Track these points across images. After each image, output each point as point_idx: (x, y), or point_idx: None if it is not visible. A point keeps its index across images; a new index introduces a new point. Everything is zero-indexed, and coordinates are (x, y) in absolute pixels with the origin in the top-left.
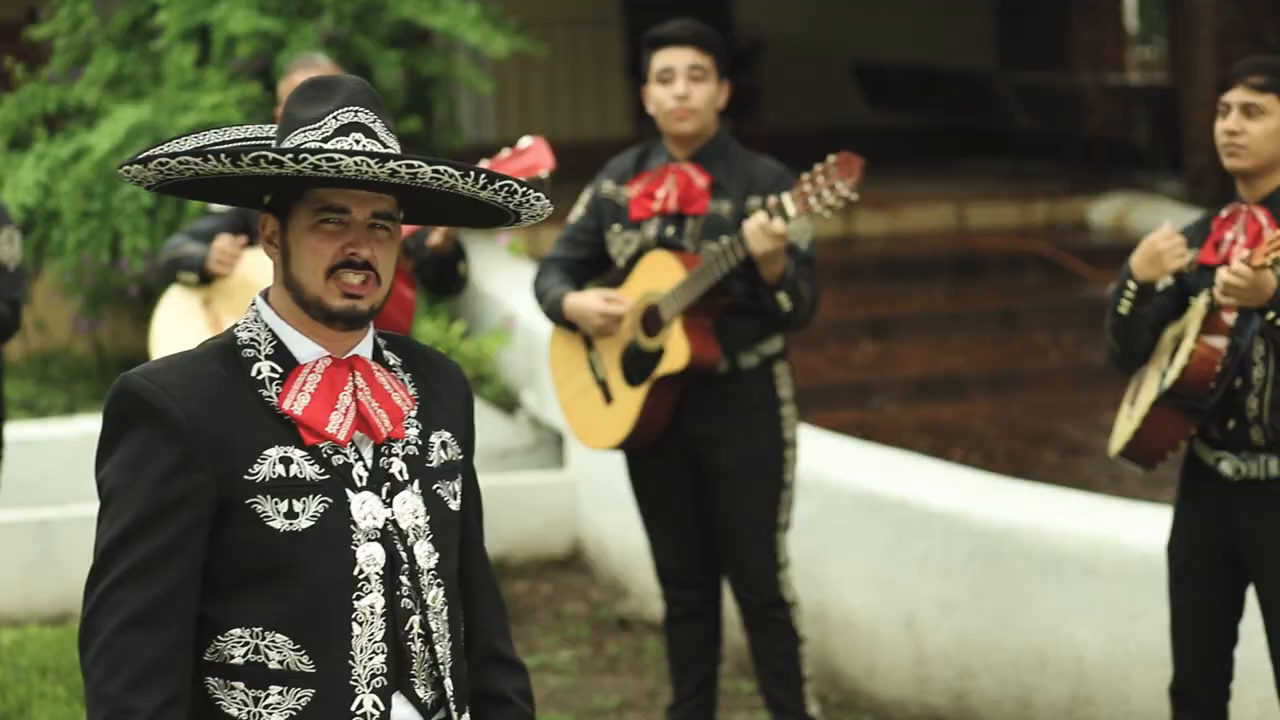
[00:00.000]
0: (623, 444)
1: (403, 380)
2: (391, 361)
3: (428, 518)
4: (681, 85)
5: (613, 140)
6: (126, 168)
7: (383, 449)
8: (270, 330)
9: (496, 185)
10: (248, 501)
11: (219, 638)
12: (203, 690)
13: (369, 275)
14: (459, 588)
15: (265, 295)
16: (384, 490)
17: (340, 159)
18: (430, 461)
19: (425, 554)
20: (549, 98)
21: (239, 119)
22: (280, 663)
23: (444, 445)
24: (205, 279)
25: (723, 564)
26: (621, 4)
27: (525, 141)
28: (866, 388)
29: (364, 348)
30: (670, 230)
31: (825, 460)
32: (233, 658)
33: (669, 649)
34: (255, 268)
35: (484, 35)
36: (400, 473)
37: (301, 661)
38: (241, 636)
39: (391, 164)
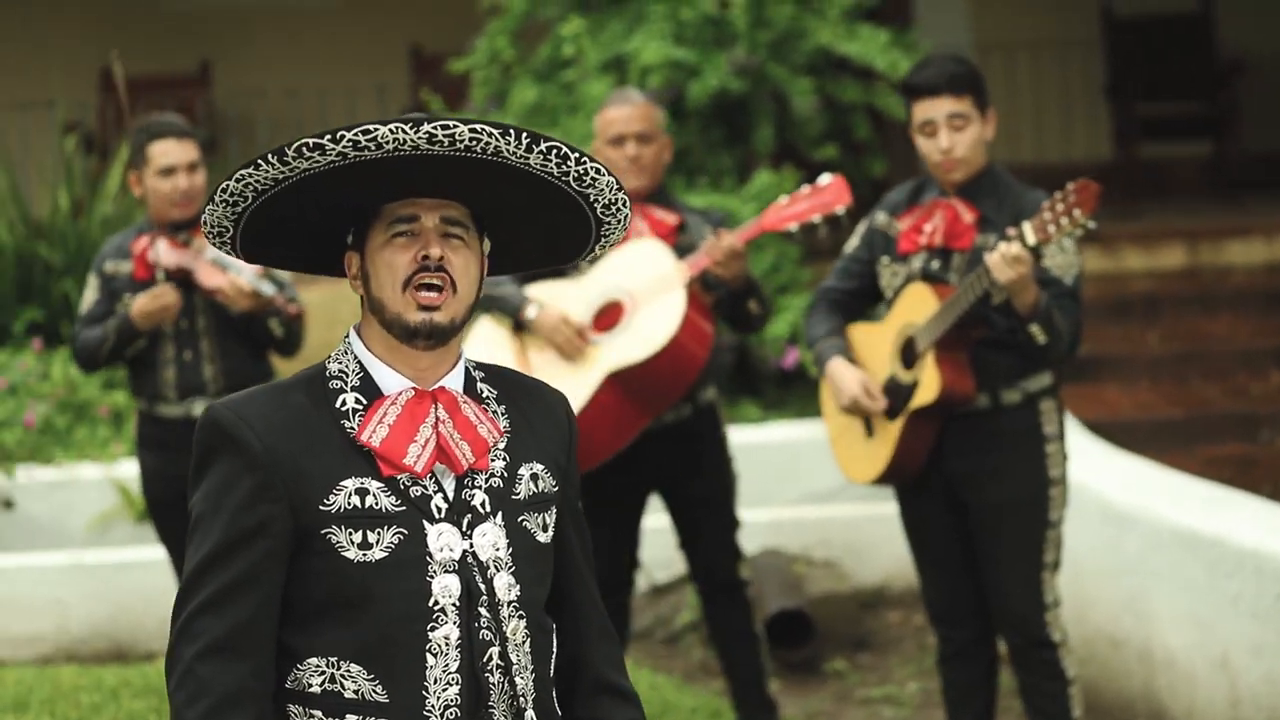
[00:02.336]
0: (882, 477)
1: (494, 412)
2: (485, 393)
3: (510, 550)
4: (945, 139)
5: (1092, 163)
6: (204, 217)
7: (465, 481)
8: (359, 362)
9: (544, 146)
10: (323, 531)
11: (298, 666)
12: (284, 718)
13: (444, 283)
14: (569, 618)
15: (358, 328)
16: (464, 522)
17: (376, 129)
18: (517, 493)
19: (505, 586)
20: (1010, 121)
21: None
22: (355, 692)
23: (534, 477)
24: (519, 325)
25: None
26: (1102, 23)
27: (825, 179)
28: (1259, 420)
29: (453, 379)
30: (936, 264)
31: (1149, 495)
32: (310, 686)
33: (944, 687)
34: (559, 298)
35: (892, 61)
36: (482, 505)
37: (376, 691)
38: (318, 666)
39: (427, 127)
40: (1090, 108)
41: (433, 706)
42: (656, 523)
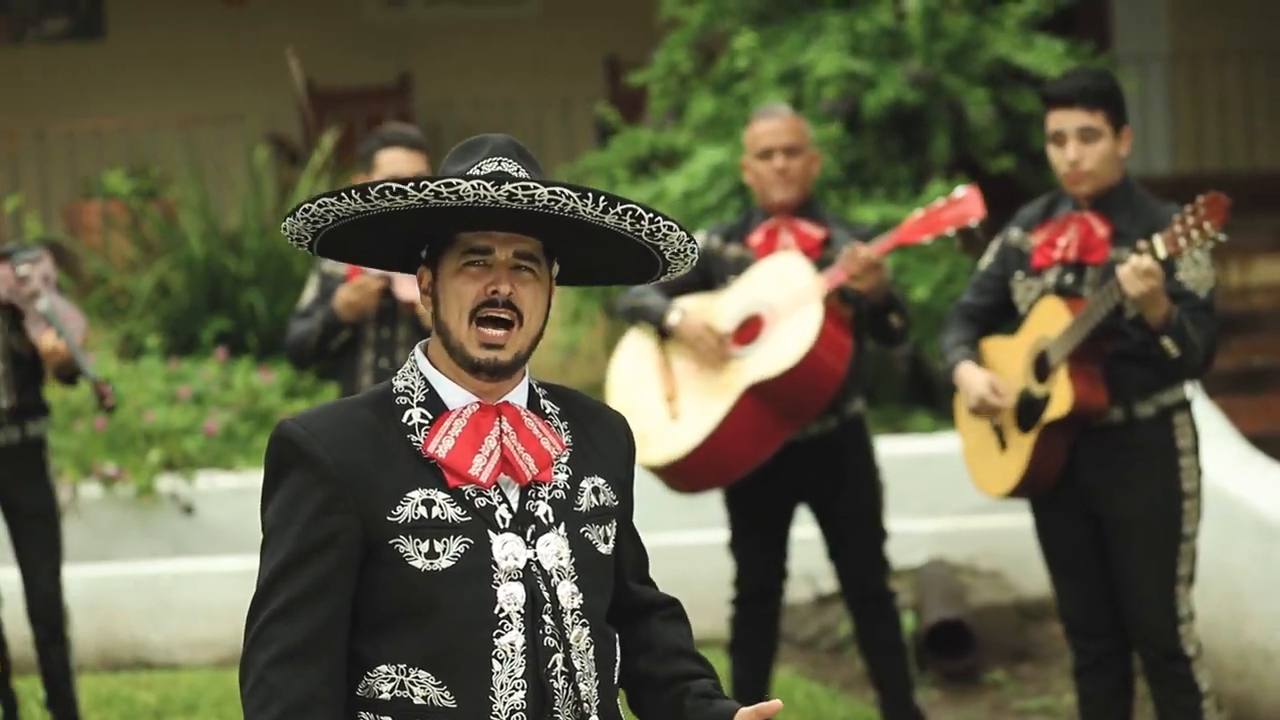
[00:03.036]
0: (1015, 490)
1: (557, 428)
2: (548, 410)
3: (573, 559)
4: (1073, 150)
5: None
6: (285, 225)
7: (529, 492)
8: (425, 379)
9: (620, 209)
10: (391, 542)
11: (369, 674)
12: None
13: (511, 321)
14: (637, 626)
15: (424, 347)
16: (528, 532)
17: (459, 184)
18: (579, 506)
19: (568, 594)
20: (1214, 128)
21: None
22: (424, 698)
23: (596, 491)
24: (664, 334)
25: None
26: None
27: (960, 191)
28: None
29: (517, 395)
30: (1070, 279)
31: None
32: (381, 693)
33: (1079, 699)
34: (703, 312)
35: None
36: (545, 515)
37: (444, 697)
38: (388, 673)
39: (508, 186)
40: None
41: (499, 711)
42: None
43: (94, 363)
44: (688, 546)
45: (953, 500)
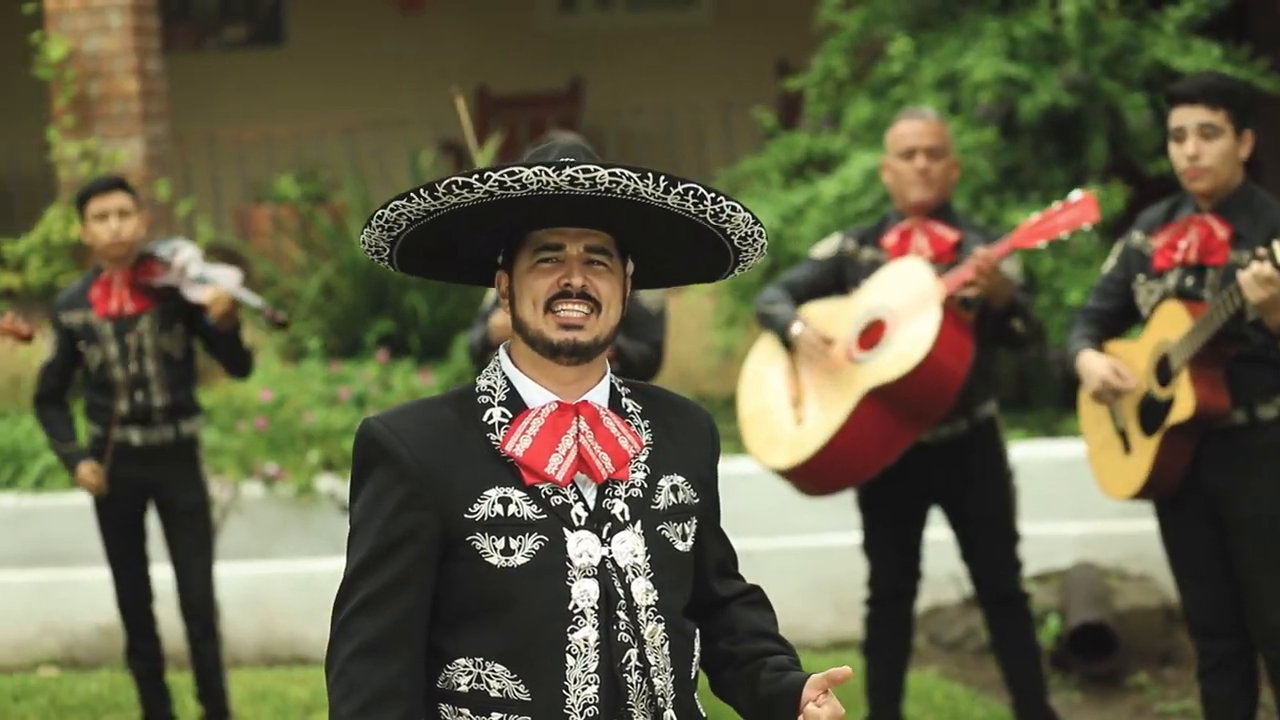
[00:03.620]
0: (1140, 493)
1: (638, 427)
2: (630, 409)
3: (648, 556)
4: (1192, 145)
5: None
6: (362, 237)
7: (606, 490)
8: (506, 378)
9: (681, 188)
10: (468, 538)
11: (447, 666)
12: (436, 716)
13: (589, 305)
14: (721, 618)
15: (507, 347)
16: (604, 530)
17: (521, 171)
18: (656, 504)
19: (643, 591)
20: None
21: (967, 164)
22: (500, 691)
23: (675, 489)
24: (787, 343)
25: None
26: None
27: (1075, 195)
28: None
29: (597, 394)
30: (1190, 281)
31: None
32: (459, 686)
33: (1203, 701)
34: (832, 317)
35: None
36: (621, 513)
37: (519, 690)
38: (465, 666)
39: (569, 170)
40: None
41: (572, 705)
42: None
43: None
44: (827, 549)
45: (1102, 504)
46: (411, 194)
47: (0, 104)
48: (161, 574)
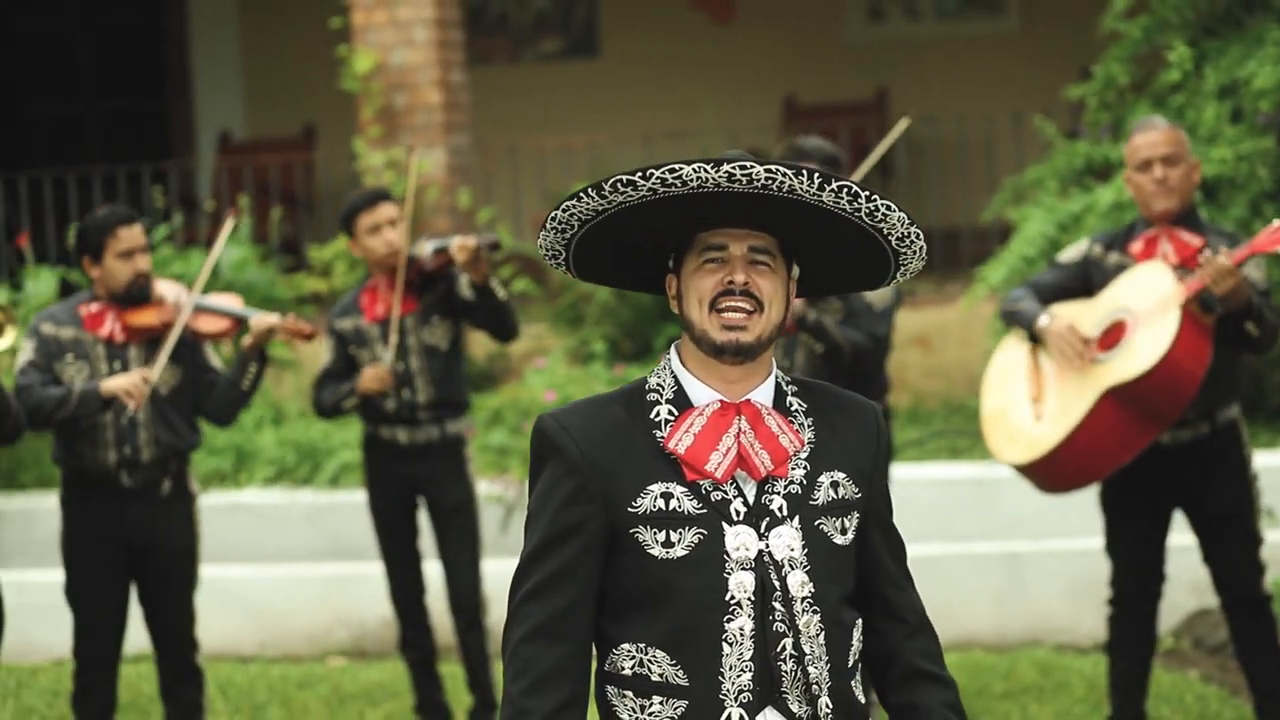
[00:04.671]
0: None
1: (799, 424)
2: (794, 406)
3: (805, 550)
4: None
5: None
6: (539, 240)
7: (765, 486)
8: (674, 377)
9: (835, 186)
10: (631, 531)
11: (613, 651)
12: (603, 697)
13: (751, 305)
14: (880, 615)
15: (677, 346)
16: (761, 524)
17: (681, 168)
18: (815, 499)
19: (798, 583)
20: None
21: (1245, 171)
22: (660, 676)
23: (835, 485)
24: (1034, 338)
25: None
26: None
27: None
28: None
29: (762, 392)
30: None
31: None
32: (623, 669)
33: None
34: (1072, 317)
35: None
36: (780, 509)
37: (677, 675)
38: (629, 651)
39: (727, 166)
40: None
41: (728, 691)
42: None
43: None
44: (1093, 551)
45: None
46: (581, 194)
47: (312, 116)
48: (433, 569)
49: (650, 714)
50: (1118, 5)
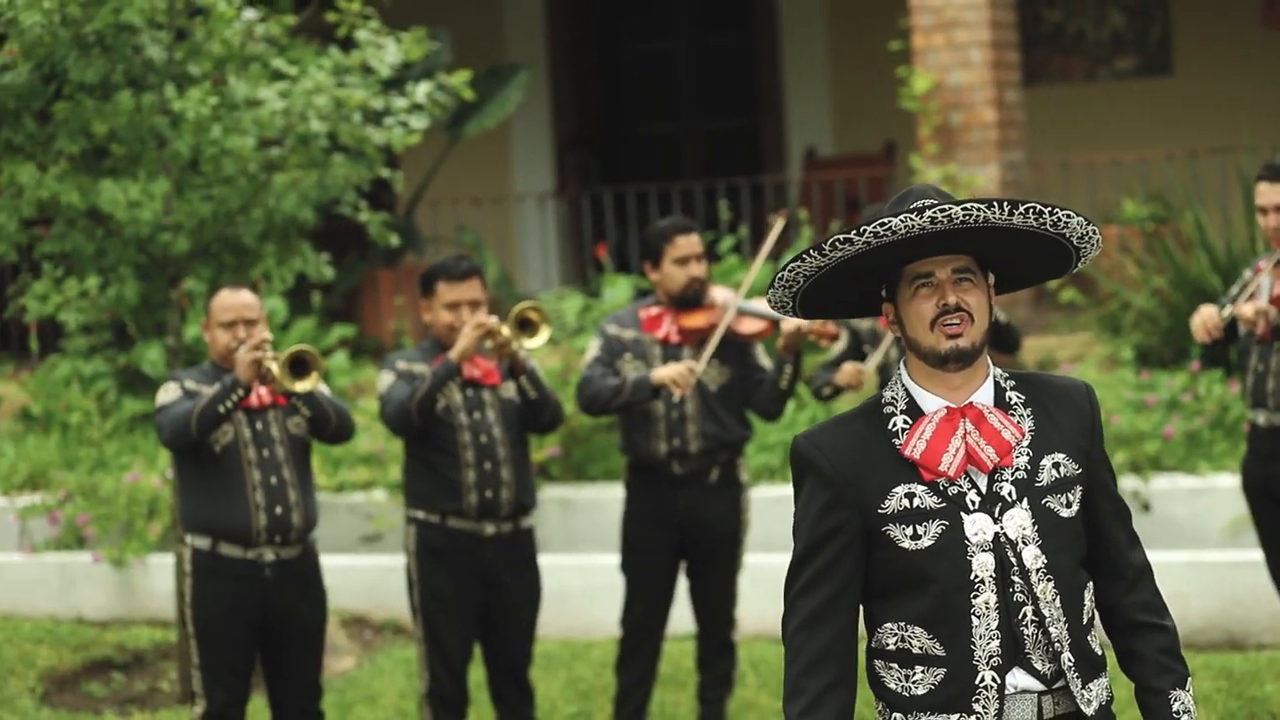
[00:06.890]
0: None
1: (1019, 416)
2: (1014, 400)
3: (1035, 527)
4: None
5: None
6: (769, 296)
7: (995, 476)
8: (906, 390)
9: (1022, 209)
10: (882, 529)
11: (878, 630)
12: (871, 669)
13: (963, 316)
14: (1105, 573)
15: (904, 364)
16: (996, 510)
17: (890, 220)
18: (1039, 481)
19: (1032, 557)
20: None
21: None
22: (920, 649)
23: (1056, 465)
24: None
25: None
26: None
27: None
28: None
29: (983, 393)
30: None
31: None
32: (887, 645)
33: None
34: None
35: None
36: (1009, 494)
37: (935, 648)
38: (892, 629)
39: (929, 213)
40: None
41: (980, 657)
42: None
43: None
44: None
45: None
46: (804, 255)
47: (893, 133)
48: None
49: (914, 682)
50: None
